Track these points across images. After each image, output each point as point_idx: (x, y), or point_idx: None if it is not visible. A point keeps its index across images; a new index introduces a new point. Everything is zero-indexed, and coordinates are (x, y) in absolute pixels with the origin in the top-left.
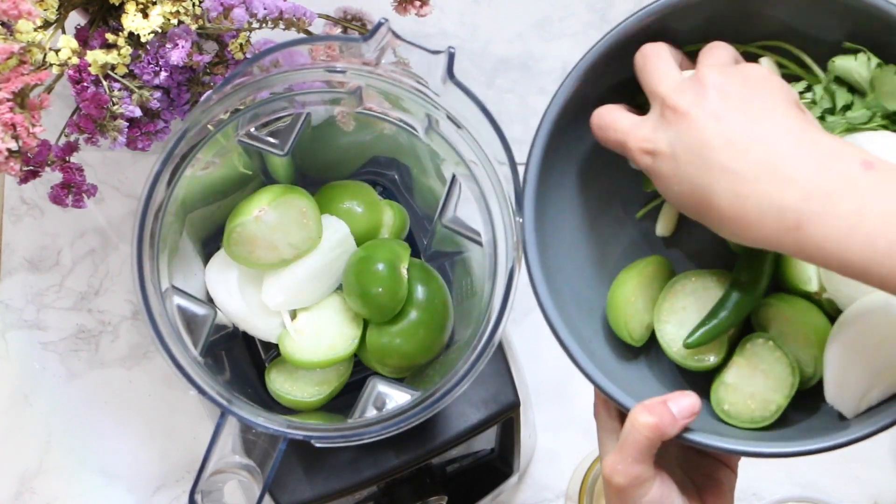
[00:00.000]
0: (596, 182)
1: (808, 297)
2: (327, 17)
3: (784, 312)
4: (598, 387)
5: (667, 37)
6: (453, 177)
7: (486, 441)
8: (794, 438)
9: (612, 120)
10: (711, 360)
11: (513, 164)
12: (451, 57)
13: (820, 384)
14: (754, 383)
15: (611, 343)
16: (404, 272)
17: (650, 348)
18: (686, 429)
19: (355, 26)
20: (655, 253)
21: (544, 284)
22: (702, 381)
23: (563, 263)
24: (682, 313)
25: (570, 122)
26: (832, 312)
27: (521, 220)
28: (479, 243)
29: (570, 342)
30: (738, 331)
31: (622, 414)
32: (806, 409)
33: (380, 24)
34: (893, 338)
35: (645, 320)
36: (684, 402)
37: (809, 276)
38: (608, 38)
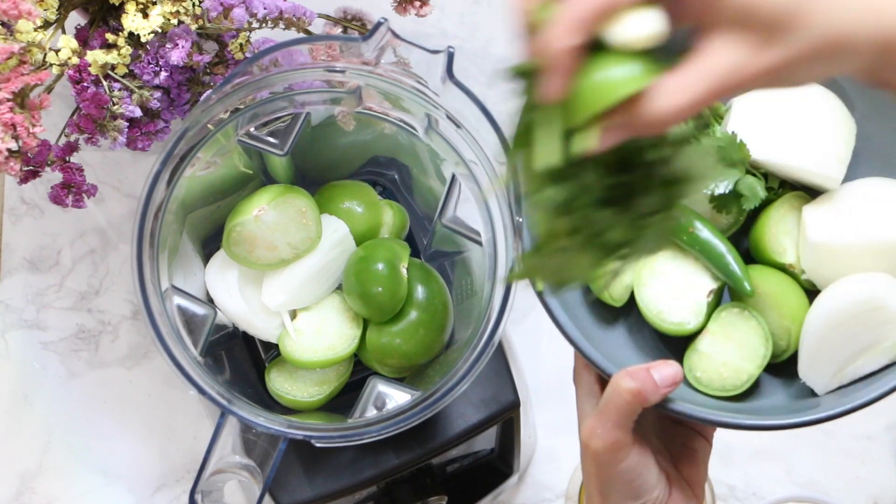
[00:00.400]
0: None
1: (783, 269)
2: (327, 17)
3: (761, 284)
4: (580, 351)
5: None
6: (453, 177)
7: (486, 441)
8: (769, 412)
9: None
10: (691, 324)
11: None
12: (451, 57)
13: (794, 358)
14: (727, 352)
15: (593, 309)
16: (404, 272)
17: (629, 314)
18: (666, 398)
19: (355, 26)
20: None
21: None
22: (679, 351)
23: None
24: (663, 278)
25: None
26: (808, 287)
27: (520, 220)
28: (479, 243)
29: (554, 305)
30: (716, 299)
31: (603, 380)
32: (781, 383)
33: (380, 24)
34: (868, 321)
35: (624, 280)
36: (667, 371)
37: (784, 247)
38: None
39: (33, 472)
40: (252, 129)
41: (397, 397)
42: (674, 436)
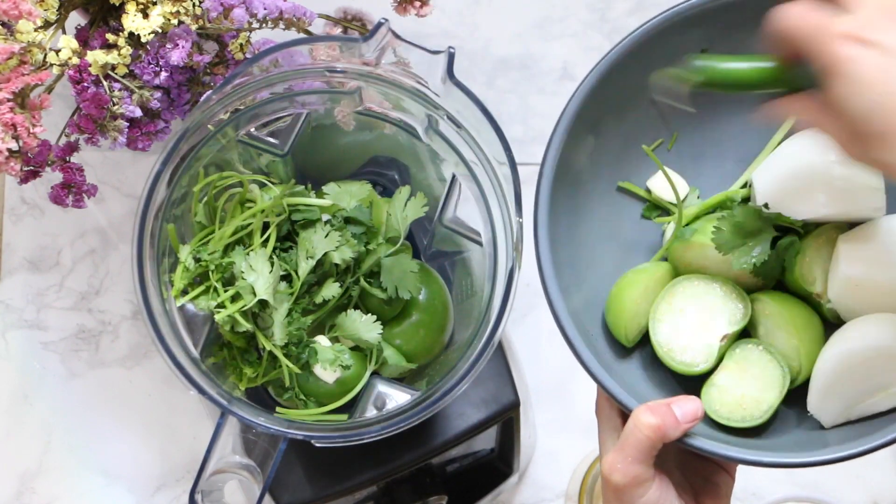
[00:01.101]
0: (610, 182)
1: (808, 298)
2: (327, 17)
3: (777, 308)
4: (601, 385)
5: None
6: (453, 177)
7: (486, 441)
8: (791, 449)
9: (803, 11)
10: (700, 366)
11: (513, 164)
12: (451, 57)
13: (803, 386)
14: (745, 385)
15: (611, 342)
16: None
17: (645, 349)
18: (687, 433)
19: (355, 26)
20: (663, 258)
21: (554, 280)
22: (697, 385)
23: (573, 260)
24: (679, 315)
25: (587, 122)
26: (830, 318)
27: (520, 220)
28: (479, 243)
29: (575, 339)
30: (729, 344)
31: (624, 413)
32: (791, 413)
33: (380, 24)
34: (884, 363)
35: (643, 323)
36: (688, 407)
37: (815, 277)
38: (633, 36)
39: (33, 472)
40: (252, 130)
41: (397, 397)
42: (696, 469)
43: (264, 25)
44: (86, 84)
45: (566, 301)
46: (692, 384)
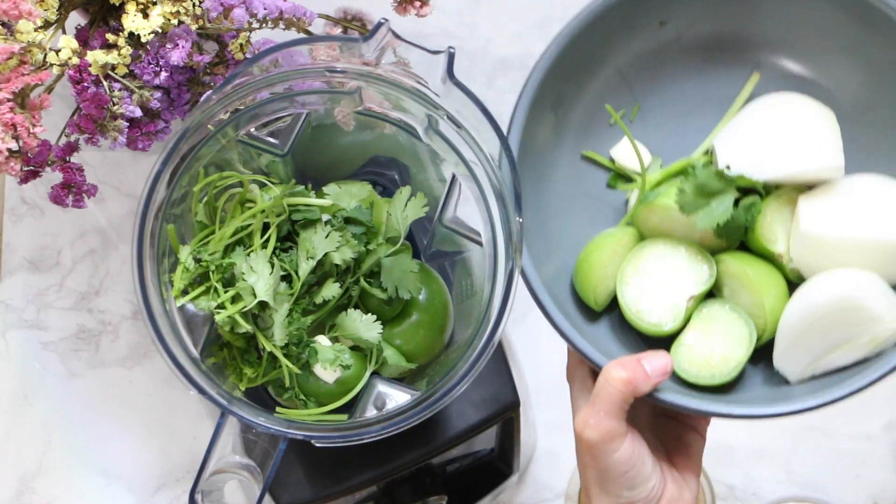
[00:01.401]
0: (574, 152)
1: (771, 258)
2: (327, 17)
3: (741, 268)
4: (571, 344)
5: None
6: (453, 177)
7: (486, 441)
8: (750, 402)
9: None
10: (668, 326)
11: (513, 165)
12: (451, 57)
13: (770, 344)
14: (713, 343)
15: (581, 307)
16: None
17: (614, 312)
18: (657, 388)
19: (355, 26)
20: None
21: (525, 249)
22: (664, 346)
23: (542, 230)
24: (646, 277)
25: (549, 97)
26: (793, 279)
27: (520, 220)
28: (479, 243)
29: (547, 303)
30: (696, 304)
31: (595, 375)
32: (757, 369)
33: (380, 24)
34: (846, 318)
35: (610, 286)
36: (657, 361)
37: (776, 237)
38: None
39: (33, 472)
40: (252, 130)
41: (397, 397)
42: (667, 430)
43: (264, 25)
44: (86, 84)
45: (538, 270)
46: (661, 345)
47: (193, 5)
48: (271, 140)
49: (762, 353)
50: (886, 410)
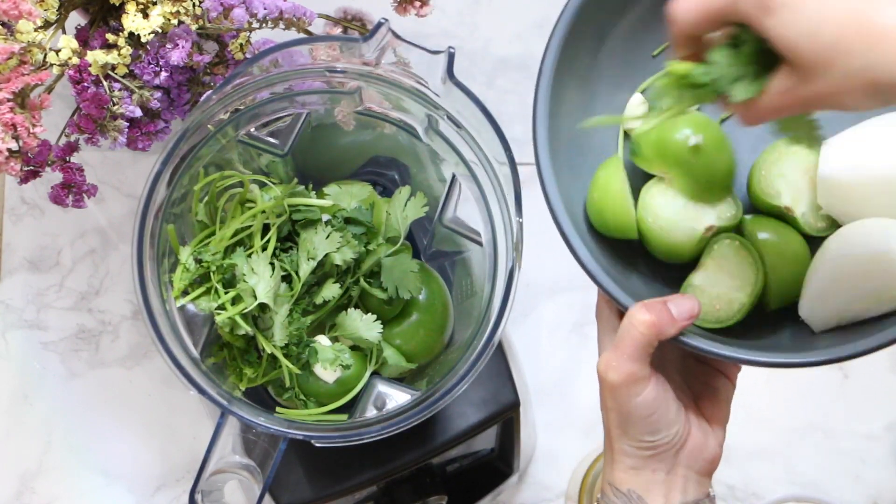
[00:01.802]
0: (616, 84)
1: (781, 216)
2: (327, 17)
3: (759, 231)
4: (599, 285)
5: None
6: (453, 177)
7: (486, 441)
8: (782, 350)
9: None
10: (680, 243)
11: (513, 164)
12: (451, 57)
13: (795, 305)
14: (720, 284)
15: (607, 244)
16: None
17: (641, 255)
18: (682, 332)
19: (355, 26)
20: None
21: (554, 183)
22: (679, 282)
23: (571, 163)
24: (672, 198)
25: (588, 22)
26: (809, 232)
27: (520, 220)
28: (480, 243)
29: (576, 244)
30: (712, 236)
31: (622, 315)
32: (790, 324)
33: (380, 24)
34: (878, 269)
35: (632, 212)
36: (684, 305)
37: (778, 190)
38: None
39: (33, 472)
40: (252, 130)
41: (397, 397)
42: (696, 374)
43: (264, 25)
44: (86, 84)
45: (566, 206)
46: (676, 280)
47: (193, 5)
48: (271, 140)
49: (794, 307)
50: (887, 410)
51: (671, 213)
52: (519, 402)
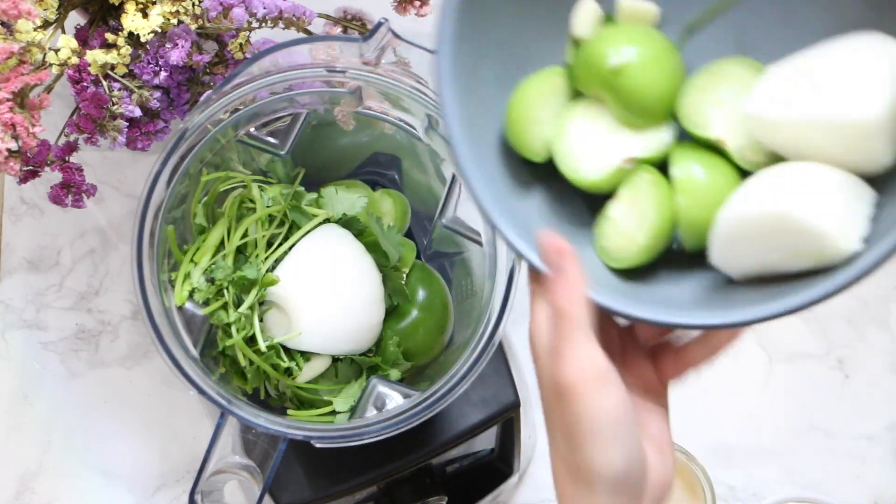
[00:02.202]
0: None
1: (713, 147)
2: (327, 17)
3: (684, 166)
4: (489, 220)
5: None
6: (453, 177)
7: (486, 441)
8: (696, 307)
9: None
10: (591, 178)
11: None
12: None
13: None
14: (628, 221)
15: (510, 170)
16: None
17: (551, 180)
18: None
19: (355, 26)
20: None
21: (453, 85)
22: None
23: (501, 75)
24: (590, 125)
25: None
26: (747, 168)
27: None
28: (479, 243)
29: (461, 150)
30: (632, 168)
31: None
32: (711, 276)
33: (380, 24)
34: (787, 232)
35: (545, 134)
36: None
37: (706, 118)
38: None
39: (33, 472)
40: (252, 129)
41: (397, 397)
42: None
43: (264, 25)
44: (85, 84)
45: (469, 130)
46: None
47: (193, 5)
48: (271, 140)
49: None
50: (887, 411)
51: (586, 138)
52: (519, 402)
